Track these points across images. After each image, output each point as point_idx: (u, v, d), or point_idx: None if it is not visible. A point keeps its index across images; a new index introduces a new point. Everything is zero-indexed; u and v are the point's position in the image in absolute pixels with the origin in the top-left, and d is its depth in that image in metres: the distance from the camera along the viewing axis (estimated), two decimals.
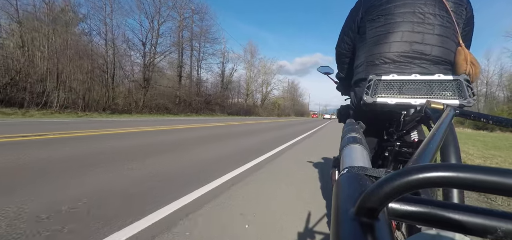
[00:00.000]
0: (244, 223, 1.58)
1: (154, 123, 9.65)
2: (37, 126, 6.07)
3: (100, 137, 4.68)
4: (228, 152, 4.03)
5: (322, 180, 2.68)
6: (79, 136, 4.70)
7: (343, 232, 0.19)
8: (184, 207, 1.74)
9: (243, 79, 43.50)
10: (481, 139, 10.11)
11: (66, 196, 1.79)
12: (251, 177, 2.68)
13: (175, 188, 2.10)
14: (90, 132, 5.42)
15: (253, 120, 17.67)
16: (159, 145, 4.26)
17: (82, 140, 4.22)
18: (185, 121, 12.63)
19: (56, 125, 6.89)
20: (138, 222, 1.49)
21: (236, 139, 5.92)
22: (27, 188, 1.89)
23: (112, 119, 11.72)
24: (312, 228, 1.59)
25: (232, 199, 1.97)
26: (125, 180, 2.24)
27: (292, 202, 2.01)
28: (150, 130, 6.78)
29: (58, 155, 3.02)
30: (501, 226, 0.17)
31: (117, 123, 8.64)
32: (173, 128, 7.73)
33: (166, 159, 3.22)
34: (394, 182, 0.17)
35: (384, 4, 1.03)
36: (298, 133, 8.80)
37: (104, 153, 3.28)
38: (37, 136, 4.35)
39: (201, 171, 2.71)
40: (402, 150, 0.98)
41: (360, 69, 1.08)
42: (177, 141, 4.96)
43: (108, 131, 5.83)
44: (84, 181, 2.13)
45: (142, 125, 8.21)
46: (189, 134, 6.37)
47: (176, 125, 9.09)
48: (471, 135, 12.93)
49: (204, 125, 9.99)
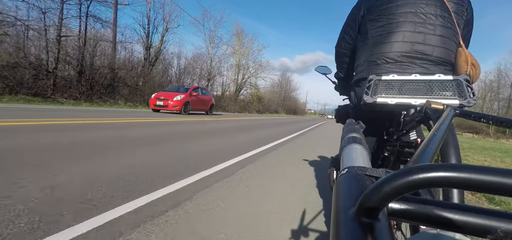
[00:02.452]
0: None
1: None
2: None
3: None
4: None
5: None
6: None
7: (343, 232, 0.19)
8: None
9: (205, 59, 28.15)
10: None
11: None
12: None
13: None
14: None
15: (201, 118, 9.41)
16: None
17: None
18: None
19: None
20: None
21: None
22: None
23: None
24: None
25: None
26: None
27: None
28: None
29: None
30: (501, 226, 0.17)
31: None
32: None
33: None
34: (394, 182, 0.17)
35: (386, 4, 1.03)
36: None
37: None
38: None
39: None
40: (402, 150, 0.98)
41: (361, 69, 1.08)
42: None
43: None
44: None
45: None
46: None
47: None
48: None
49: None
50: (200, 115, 11.89)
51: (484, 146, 8.84)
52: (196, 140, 4.22)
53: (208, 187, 2.00)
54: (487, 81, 26.96)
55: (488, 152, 6.65)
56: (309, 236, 1.50)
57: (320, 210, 1.86)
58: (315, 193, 2.19)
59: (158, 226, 1.31)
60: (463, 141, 10.70)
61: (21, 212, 1.29)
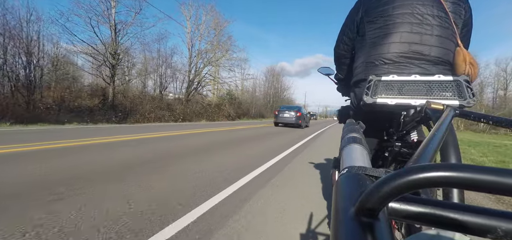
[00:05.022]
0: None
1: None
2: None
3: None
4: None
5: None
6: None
7: (343, 231, 0.19)
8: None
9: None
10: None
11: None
12: None
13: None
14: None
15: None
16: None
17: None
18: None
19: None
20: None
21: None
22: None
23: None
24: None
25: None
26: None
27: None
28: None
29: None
30: (501, 226, 0.17)
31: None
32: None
33: None
34: (394, 182, 0.17)
35: (382, 5, 1.03)
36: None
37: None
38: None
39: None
40: (402, 150, 0.98)
41: (360, 70, 1.08)
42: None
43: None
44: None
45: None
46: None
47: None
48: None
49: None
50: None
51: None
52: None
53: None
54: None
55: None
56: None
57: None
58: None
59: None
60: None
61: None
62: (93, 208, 1.76)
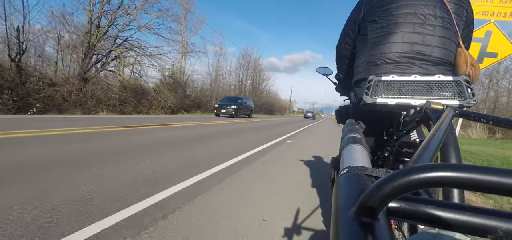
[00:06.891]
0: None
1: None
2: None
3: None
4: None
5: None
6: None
7: (343, 231, 0.19)
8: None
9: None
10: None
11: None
12: None
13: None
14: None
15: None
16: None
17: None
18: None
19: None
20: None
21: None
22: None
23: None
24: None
25: None
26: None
27: None
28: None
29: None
30: (501, 226, 0.17)
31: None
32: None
33: None
34: (394, 182, 0.17)
35: (385, 5, 1.03)
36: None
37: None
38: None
39: None
40: (402, 150, 0.98)
41: (361, 69, 1.08)
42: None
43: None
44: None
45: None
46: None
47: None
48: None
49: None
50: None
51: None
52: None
53: None
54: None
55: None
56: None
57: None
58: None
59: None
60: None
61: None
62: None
